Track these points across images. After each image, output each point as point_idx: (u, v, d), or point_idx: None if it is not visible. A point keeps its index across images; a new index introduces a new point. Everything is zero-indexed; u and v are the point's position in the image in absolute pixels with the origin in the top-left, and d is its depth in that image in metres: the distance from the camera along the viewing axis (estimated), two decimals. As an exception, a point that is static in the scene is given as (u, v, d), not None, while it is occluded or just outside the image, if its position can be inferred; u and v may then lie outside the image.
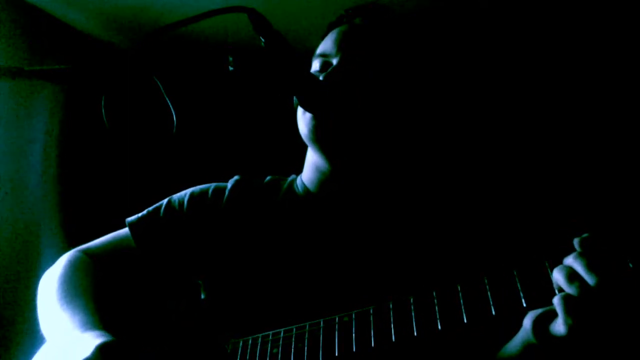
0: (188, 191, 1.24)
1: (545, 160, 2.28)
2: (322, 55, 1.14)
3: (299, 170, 1.25)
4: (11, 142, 1.97)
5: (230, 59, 0.97)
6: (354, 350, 0.88)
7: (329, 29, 1.19)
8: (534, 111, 2.35)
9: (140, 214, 1.22)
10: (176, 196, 1.24)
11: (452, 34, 2.32)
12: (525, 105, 2.37)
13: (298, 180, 1.24)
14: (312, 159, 1.18)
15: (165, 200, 1.24)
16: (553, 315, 0.81)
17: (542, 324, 0.83)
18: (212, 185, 1.25)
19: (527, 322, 0.86)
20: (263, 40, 0.96)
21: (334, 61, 1.10)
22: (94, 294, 1.09)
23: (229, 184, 1.24)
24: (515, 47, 2.35)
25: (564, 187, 2.20)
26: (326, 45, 1.14)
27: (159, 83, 0.96)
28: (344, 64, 1.09)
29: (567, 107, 2.31)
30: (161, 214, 1.20)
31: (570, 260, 0.78)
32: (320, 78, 1.07)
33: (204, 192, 1.23)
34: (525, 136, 2.33)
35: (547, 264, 0.81)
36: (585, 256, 0.76)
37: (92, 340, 0.90)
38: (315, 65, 1.15)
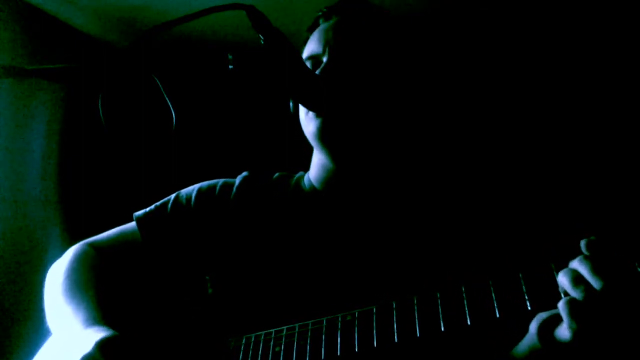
0: (196, 186, 1.24)
1: (552, 162, 2.27)
2: (310, 57, 1.13)
3: (305, 167, 1.25)
4: (11, 142, 1.97)
5: (230, 57, 0.97)
6: (356, 350, 0.87)
7: (309, 31, 1.19)
8: (542, 114, 2.34)
9: (147, 209, 1.22)
10: (184, 191, 1.24)
11: (448, 28, 2.31)
12: (534, 108, 2.36)
13: (305, 178, 1.23)
14: (318, 157, 1.18)
15: (172, 195, 1.23)
16: (559, 319, 0.79)
17: (548, 328, 0.82)
18: (221, 180, 1.25)
19: (533, 326, 0.85)
20: (262, 38, 0.96)
21: (324, 59, 1.10)
22: (98, 289, 1.09)
23: (237, 180, 1.23)
24: (513, 42, 2.34)
25: (571, 190, 2.19)
26: (312, 46, 1.14)
27: (158, 82, 0.96)
28: (335, 57, 1.08)
29: (573, 110, 2.30)
30: (168, 209, 1.20)
31: (575, 264, 0.76)
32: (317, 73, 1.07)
33: (211, 188, 1.22)
34: (532, 138, 2.32)
35: (553, 267, 0.80)
36: (591, 259, 0.74)
37: (93, 335, 0.90)
38: None
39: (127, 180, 2.35)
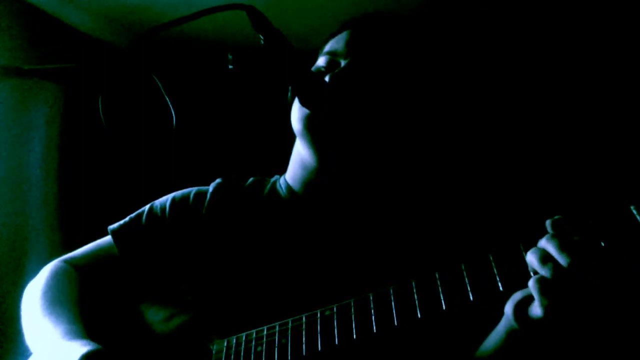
0: (169, 196, 1.23)
1: (518, 146, 2.28)
2: (331, 53, 1.12)
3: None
4: (11, 142, 1.97)
5: (230, 57, 0.97)
6: (337, 343, 0.89)
7: (342, 27, 1.17)
8: (513, 104, 2.35)
9: (122, 222, 1.22)
10: (158, 202, 1.23)
11: (452, 39, 2.31)
12: (505, 99, 2.36)
13: (281, 181, 1.23)
14: (299, 156, 1.17)
15: (147, 207, 1.23)
16: (532, 298, 0.81)
17: (522, 308, 0.84)
18: (194, 189, 1.24)
19: (508, 308, 0.86)
20: (262, 38, 0.96)
21: (342, 62, 1.09)
22: (77, 303, 1.09)
23: (211, 188, 1.23)
24: (514, 49, 2.35)
25: (537, 171, 2.20)
26: (337, 44, 1.13)
27: (158, 82, 0.96)
28: (353, 68, 1.08)
29: (548, 101, 2.31)
30: (143, 221, 1.20)
31: (543, 242, 0.78)
32: (327, 78, 1.06)
33: (185, 197, 1.22)
34: (500, 125, 2.33)
35: (522, 247, 0.82)
36: (557, 237, 0.77)
37: (78, 349, 0.90)
38: (321, 62, 1.13)
39: (127, 180, 2.35)
